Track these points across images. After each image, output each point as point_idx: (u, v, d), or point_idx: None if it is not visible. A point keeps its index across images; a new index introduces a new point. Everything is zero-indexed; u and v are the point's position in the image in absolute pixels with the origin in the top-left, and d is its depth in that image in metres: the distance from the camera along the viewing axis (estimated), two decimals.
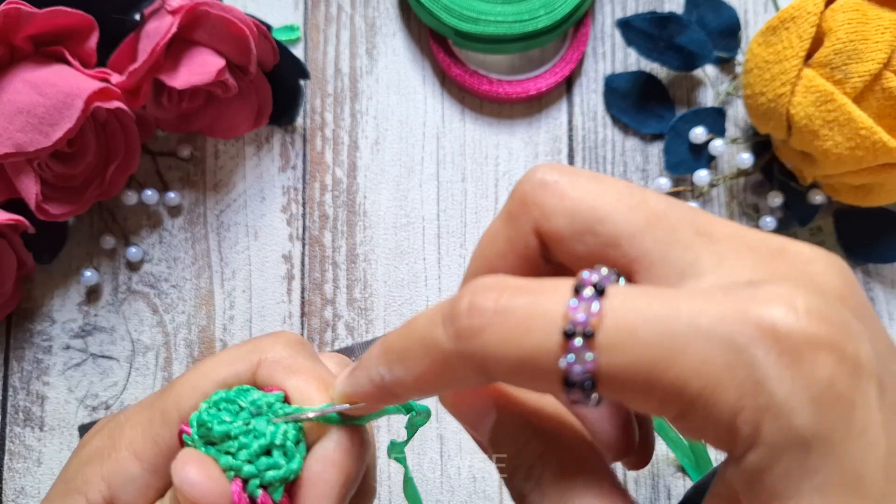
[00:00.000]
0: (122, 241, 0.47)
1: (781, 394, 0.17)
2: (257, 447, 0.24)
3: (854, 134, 0.40)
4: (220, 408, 0.25)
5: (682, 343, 0.17)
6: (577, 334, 0.18)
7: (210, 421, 0.25)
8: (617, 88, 0.49)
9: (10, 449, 0.45)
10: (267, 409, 0.25)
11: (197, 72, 0.41)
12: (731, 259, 0.19)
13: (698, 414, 0.18)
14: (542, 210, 0.21)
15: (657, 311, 0.18)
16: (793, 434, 0.16)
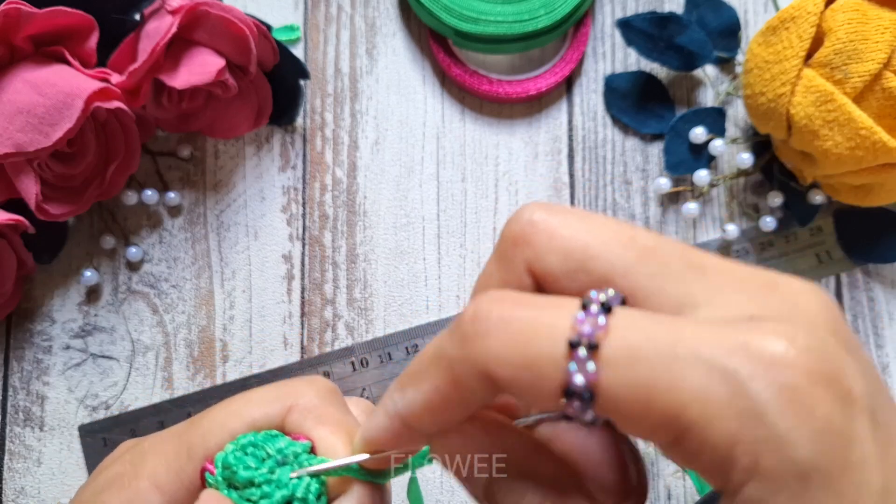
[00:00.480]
0: (122, 241, 0.47)
1: (783, 427, 0.17)
2: (279, 497, 0.24)
3: (854, 134, 0.40)
4: (246, 452, 0.25)
5: (684, 368, 0.17)
6: (581, 345, 0.18)
7: (236, 465, 0.24)
8: (617, 88, 0.49)
9: (10, 449, 0.45)
10: (293, 459, 0.25)
11: (197, 72, 0.41)
12: (724, 292, 0.20)
13: (694, 441, 0.18)
14: (533, 250, 0.21)
15: (661, 335, 0.18)
16: (793, 467, 0.17)
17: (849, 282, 0.47)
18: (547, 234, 0.21)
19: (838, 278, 0.47)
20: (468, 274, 0.47)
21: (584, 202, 0.48)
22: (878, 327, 0.47)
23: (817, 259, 0.47)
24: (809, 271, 0.47)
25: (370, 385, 0.46)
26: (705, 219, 0.48)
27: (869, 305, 0.47)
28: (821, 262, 0.47)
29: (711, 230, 0.48)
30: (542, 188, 0.48)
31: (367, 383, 0.46)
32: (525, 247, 0.22)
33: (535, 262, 0.21)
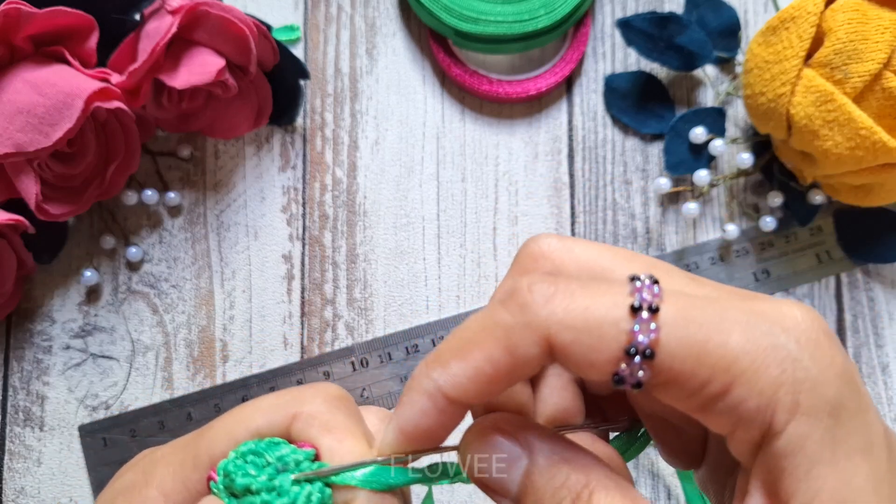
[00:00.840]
0: (122, 241, 0.47)
1: (815, 371, 0.20)
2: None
3: (854, 134, 0.40)
4: (246, 460, 0.24)
5: (731, 327, 0.21)
6: (643, 308, 0.21)
7: (235, 472, 0.24)
8: (617, 88, 0.49)
9: (10, 449, 0.45)
10: (294, 466, 0.24)
11: (197, 72, 0.41)
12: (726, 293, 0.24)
13: (742, 389, 0.20)
14: (552, 262, 0.24)
15: (705, 304, 0.21)
16: (826, 404, 0.20)
17: (849, 282, 0.47)
18: (565, 249, 0.24)
19: (838, 278, 0.47)
20: (468, 274, 0.47)
21: (584, 202, 0.48)
22: (878, 327, 0.47)
23: (817, 259, 0.47)
24: (809, 271, 0.47)
25: (370, 385, 0.46)
26: (705, 219, 0.48)
27: (869, 305, 0.47)
28: (821, 262, 0.47)
29: (711, 230, 0.48)
30: (542, 188, 0.48)
31: (367, 383, 0.46)
32: (544, 260, 0.24)
33: (555, 271, 0.24)
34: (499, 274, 0.47)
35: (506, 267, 0.48)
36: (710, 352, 0.20)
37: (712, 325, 0.21)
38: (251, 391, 0.46)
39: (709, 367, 0.20)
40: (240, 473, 0.24)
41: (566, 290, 0.21)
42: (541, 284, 0.21)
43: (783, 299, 0.22)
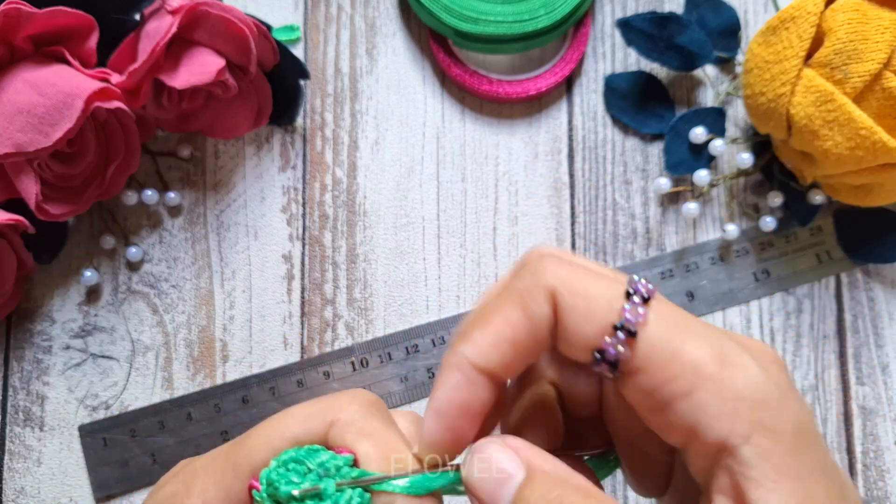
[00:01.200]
0: (122, 241, 0.47)
1: (778, 393, 0.22)
2: None
3: (854, 134, 0.40)
4: (288, 468, 0.25)
5: (707, 338, 0.23)
6: (637, 295, 0.23)
7: (278, 481, 0.25)
8: (617, 88, 0.49)
9: (10, 449, 0.45)
10: (335, 472, 0.25)
11: (197, 72, 0.41)
12: None
13: (707, 394, 0.22)
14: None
15: (693, 318, 0.24)
16: (790, 423, 0.22)
17: (849, 282, 0.47)
18: (564, 253, 0.26)
19: (838, 278, 0.47)
20: (468, 274, 0.47)
21: (584, 202, 0.48)
22: (878, 327, 0.47)
23: (817, 259, 0.47)
24: (809, 271, 0.47)
25: (370, 385, 0.46)
26: (705, 219, 0.48)
27: (869, 305, 0.47)
28: (821, 262, 0.47)
29: (711, 230, 0.48)
30: (542, 188, 0.48)
31: (367, 383, 0.46)
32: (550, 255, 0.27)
33: None
34: (499, 274, 0.47)
35: (506, 267, 0.48)
36: (684, 352, 0.23)
37: (691, 332, 0.23)
38: (251, 391, 0.46)
39: (680, 364, 0.22)
40: (283, 481, 0.25)
41: (572, 266, 0.24)
42: (550, 258, 0.24)
43: (752, 338, 0.25)
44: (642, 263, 0.47)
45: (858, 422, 0.46)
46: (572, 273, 0.24)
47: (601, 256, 0.48)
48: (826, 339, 0.47)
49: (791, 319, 0.47)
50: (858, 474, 0.45)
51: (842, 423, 0.46)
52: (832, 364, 0.46)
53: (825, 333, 0.47)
